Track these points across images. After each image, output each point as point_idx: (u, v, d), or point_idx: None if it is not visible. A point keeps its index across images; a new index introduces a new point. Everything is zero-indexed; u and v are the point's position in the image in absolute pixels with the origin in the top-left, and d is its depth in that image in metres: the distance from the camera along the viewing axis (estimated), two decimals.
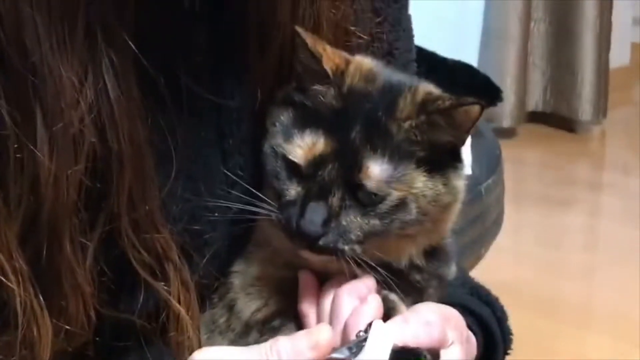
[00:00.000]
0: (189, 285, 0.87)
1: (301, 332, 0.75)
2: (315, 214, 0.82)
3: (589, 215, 3.68)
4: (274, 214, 0.85)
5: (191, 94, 0.86)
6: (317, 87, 0.86)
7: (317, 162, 0.83)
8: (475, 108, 0.83)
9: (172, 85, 0.84)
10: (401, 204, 0.83)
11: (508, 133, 4.28)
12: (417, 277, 0.90)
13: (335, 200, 0.82)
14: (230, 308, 0.91)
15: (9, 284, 0.75)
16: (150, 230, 0.83)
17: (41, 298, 0.77)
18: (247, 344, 0.88)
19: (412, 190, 0.83)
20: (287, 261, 0.88)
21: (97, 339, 0.83)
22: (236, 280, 0.92)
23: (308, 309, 0.86)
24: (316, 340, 0.74)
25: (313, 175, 0.83)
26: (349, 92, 0.85)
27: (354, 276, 0.85)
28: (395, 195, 0.82)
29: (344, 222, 0.83)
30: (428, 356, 0.79)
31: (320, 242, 0.82)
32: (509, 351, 1.05)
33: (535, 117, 4.56)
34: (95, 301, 0.81)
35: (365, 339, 0.76)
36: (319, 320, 0.85)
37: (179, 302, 0.86)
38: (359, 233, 0.83)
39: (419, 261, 0.90)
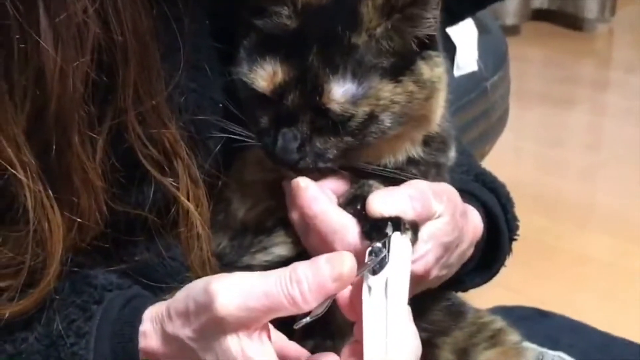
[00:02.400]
0: (198, 181, 0.87)
1: (322, 260, 0.71)
2: (287, 141, 0.82)
3: (592, 113, 3.66)
4: (254, 141, 0.86)
5: None
6: (272, 7, 0.84)
7: (280, 91, 0.82)
8: None
9: None
10: (371, 118, 0.83)
11: (512, 30, 4.23)
12: (414, 170, 0.90)
13: (304, 125, 0.82)
14: (227, 205, 0.92)
15: (18, 175, 0.75)
16: (157, 125, 0.82)
17: (51, 193, 0.77)
18: (244, 243, 0.91)
19: (379, 102, 0.82)
20: (274, 166, 0.88)
21: (109, 231, 0.84)
22: (232, 180, 0.92)
23: (294, 218, 0.87)
24: (339, 272, 0.70)
25: (280, 103, 0.82)
26: (303, 10, 0.83)
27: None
28: (361, 111, 0.82)
29: (317, 144, 0.83)
30: (407, 225, 0.79)
31: (299, 166, 0.83)
32: (515, 237, 1.06)
33: (540, 15, 4.50)
34: (106, 196, 0.81)
35: (382, 255, 0.76)
36: (305, 227, 0.85)
37: (188, 198, 0.86)
38: (335, 151, 0.84)
39: (416, 153, 0.90)
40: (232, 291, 0.71)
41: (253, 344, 0.71)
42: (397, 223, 0.79)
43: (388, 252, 0.76)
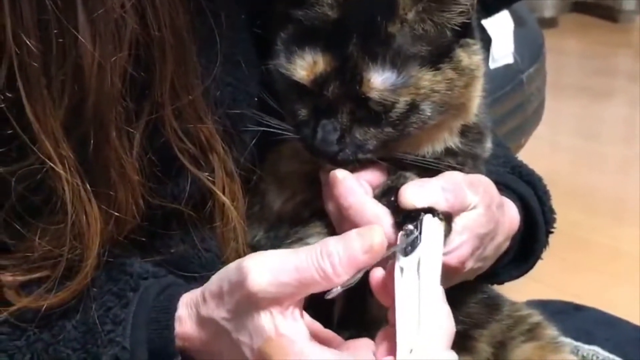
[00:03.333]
0: (234, 175, 0.87)
1: (352, 233, 0.72)
2: (327, 133, 0.82)
3: (629, 106, 3.61)
4: (292, 134, 0.86)
5: None
6: None
7: (321, 81, 0.82)
8: None
9: None
10: (412, 107, 0.82)
11: (549, 23, 4.19)
12: (451, 161, 0.90)
13: (344, 116, 0.82)
14: (263, 198, 0.93)
15: (57, 168, 0.75)
16: (194, 120, 0.82)
17: (89, 186, 0.78)
18: (279, 234, 0.91)
19: (419, 91, 0.82)
20: (311, 157, 0.88)
21: (145, 224, 0.84)
22: (267, 173, 0.92)
23: (330, 209, 0.87)
24: (370, 244, 0.72)
25: (320, 94, 0.82)
26: (345, 0, 0.82)
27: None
28: (403, 101, 0.81)
29: (357, 136, 0.83)
30: (440, 216, 0.79)
31: (339, 158, 0.83)
32: (552, 230, 1.05)
33: (577, 7, 4.46)
34: (143, 189, 0.81)
35: (414, 237, 0.76)
36: (340, 218, 0.85)
37: (224, 192, 0.86)
38: (375, 142, 0.84)
39: (453, 143, 0.90)
40: (263, 267, 0.72)
41: (286, 320, 0.72)
42: (430, 213, 0.78)
43: (420, 233, 0.76)
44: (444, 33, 0.83)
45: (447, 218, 0.81)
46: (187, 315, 0.79)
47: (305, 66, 0.82)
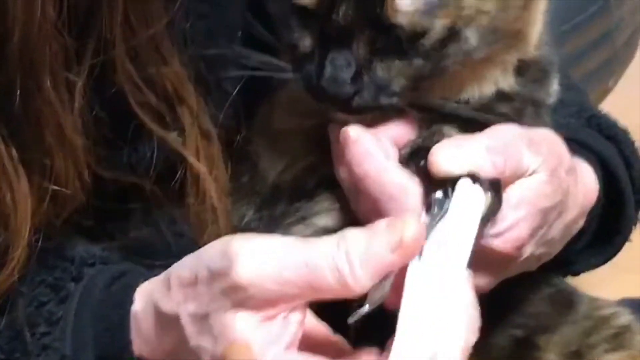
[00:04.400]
0: (211, 134, 0.87)
1: (380, 225, 0.71)
2: (338, 69, 0.81)
3: None
4: (287, 74, 0.85)
5: None
6: None
7: (329, 1, 0.80)
8: None
9: None
10: (452, 34, 0.81)
11: None
12: (504, 109, 0.90)
13: (361, 46, 0.81)
14: (253, 165, 0.93)
15: None
16: (156, 62, 0.83)
17: (15, 152, 0.78)
18: (275, 213, 0.91)
19: (462, 12, 0.81)
20: (312, 108, 0.87)
21: (95, 204, 0.85)
22: (258, 132, 0.93)
23: (342, 177, 0.86)
24: (400, 238, 0.70)
25: (328, 17, 0.80)
26: None
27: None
28: (439, 25, 0.80)
29: (379, 72, 0.82)
30: (484, 184, 0.78)
31: (354, 103, 0.82)
32: None
33: None
34: (89, 157, 0.82)
35: (444, 209, 0.76)
36: (355, 190, 0.85)
37: (198, 159, 0.87)
38: (402, 81, 0.82)
39: (507, 85, 0.90)
40: (261, 255, 0.71)
41: (271, 327, 0.71)
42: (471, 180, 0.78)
43: (450, 201, 0.76)
44: None
45: (495, 187, 0.80)
46: (143, 310, 0.78)
47: None
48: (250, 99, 0.91)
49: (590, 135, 1.02)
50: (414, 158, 0.83)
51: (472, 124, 0.86)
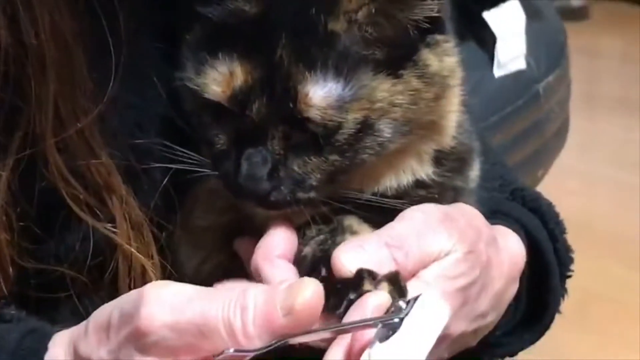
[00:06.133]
0: (142, 224, 0.87)
1: (282, 285, 0.72)
2: (255, 166, 0.82)
3: None
4: (207, 170, 0.86)
5: None
6: None
7: (241, 98, 0.82)
8: None
9: None
10: (365, 127, 0.83)
11: (578, 14, 4.25)
12: (422, 195, 0.90)
13: (275, 142, 0.82)
14: (175, 256, 0.93)
15: None
16: (85, 155, 0.83)
17: None
18: None
19: (374, 106, 0.82)
20: (231, 204, 0.89)
21: (21, 292, 0.85)
22: (180, 224, 0.93)
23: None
24: (292, 302, 0.70)
25: (242, 114, 0.82)
26: None
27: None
28: (351, 119, 0.82)
29: (295, 168, 0.83)
30: (376, 276, 0.78)
31: (272, 199, 0.83)
32: (569, 274, 1.06)
33: None
34: (13, 252, 0.81)
35: (399, 318, 0.75)
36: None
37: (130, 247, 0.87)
38: (318, 176, 0.84)
39: (425, 174, 0.91)
40: (164, 302, 0.71)
41: None
42: (359, 276, 0.78)
43: (406, 314, 0.75)
44: (405, 31, 0.83)
45: (393, 280, 0.80)
46: (63, 354, 0.78)
47: (219, 80, 0.82)
48: (180, 189, 0.91)
49: (514, 207, 1.04)
50: (314, 270, 0.83)
51: (387, 211, 0.86)
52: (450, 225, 0.85)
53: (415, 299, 0.76)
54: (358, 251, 0.80)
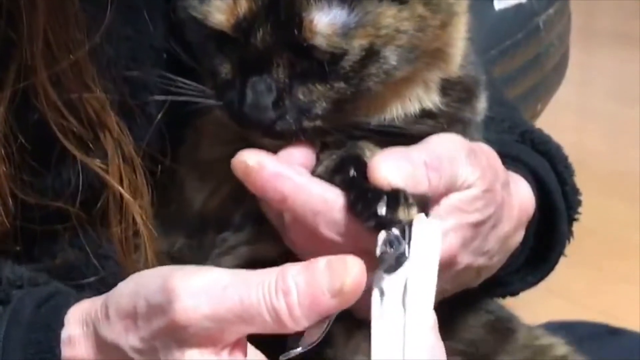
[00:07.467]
0: (134, 160, 0.87)
1: (320, 264, 0.71)
2: (259, 94, 0.82)
3: None
4: (211, 100, 0.85)
5: None
6: None
7: (245, 25, 0.81)
8: None
9: None
10: (370, 54, 0.82)
11: None
12: (429, 126, 0.90)
13: (280, 70, 0.82)
14: (181, 192, 0.93)
15: None
16: (78, 87, 0.83)
17: None
18: (205, 242, 0.92)
19: (380, 32, 0.82)
20: (237, 135, 0.88)
21: (21, 227, 0.84)
22: (184, 158, 0.93)
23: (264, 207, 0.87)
24: (340, 284, 0.70)
25: (246, 42, 0.82)
26: None
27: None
28: (357, 46, 0.81)
29: (300, 96, 0.83)
30: (409, 198, 0.78)
31: (278, 128, 0.83)
32: (576, 217, 1.06)
33: None
34: (13, 184, 0.81)
35: (401, 249, 0.75)
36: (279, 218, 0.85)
37: (122, 185, 0.87)
38: (324, 104, 0.84)
39: (432, 103, 0.91)
40: (198, 293, 0.71)
41: None
42: (395, 196, 0.78)
43: (408, 242, 0.75)
44: None
45: (421, 203, 0.80)
46: (82, 334, 0.78)
47: (223, 7, 0.82)
48: (176, 124, 0.91)
49: (523, 150, 1.04)
50: (340, 171, 0.83)
51: (393, 141, 0.86)
52: (474, 161, 0.85)
53: (409, 225, 0.76)
54: (400, 164, 0.80)
